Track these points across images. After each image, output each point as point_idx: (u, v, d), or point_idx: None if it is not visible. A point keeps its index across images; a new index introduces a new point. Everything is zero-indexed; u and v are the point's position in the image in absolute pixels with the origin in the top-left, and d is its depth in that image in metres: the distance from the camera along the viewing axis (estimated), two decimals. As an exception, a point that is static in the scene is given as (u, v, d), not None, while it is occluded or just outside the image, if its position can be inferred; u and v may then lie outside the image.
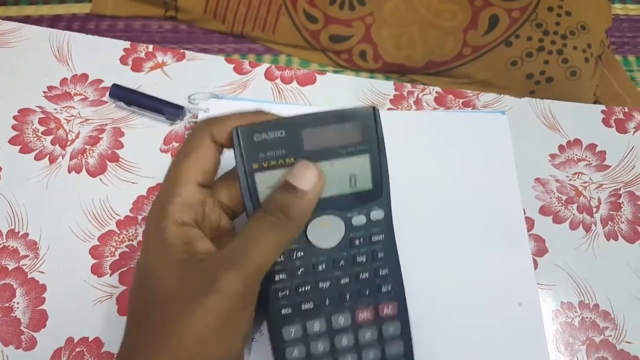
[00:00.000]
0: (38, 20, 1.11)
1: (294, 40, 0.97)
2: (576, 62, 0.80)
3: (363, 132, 0.26)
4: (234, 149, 0.26)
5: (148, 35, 1.06)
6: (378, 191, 0.27)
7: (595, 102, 0.85)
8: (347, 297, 0.28)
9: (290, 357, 0.28)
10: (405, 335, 0.29)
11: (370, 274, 0.28)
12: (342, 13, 0.93)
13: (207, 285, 0.24)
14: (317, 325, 0.27)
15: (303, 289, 0.27)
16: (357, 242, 0.27)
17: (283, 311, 0.27)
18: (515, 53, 0.84)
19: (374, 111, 0.26)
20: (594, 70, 0.80)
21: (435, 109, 0.45)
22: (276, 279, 0.27)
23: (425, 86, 0.46)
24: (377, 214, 0.27)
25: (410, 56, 0.89)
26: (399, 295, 0.29)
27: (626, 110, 0.46)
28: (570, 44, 0.80)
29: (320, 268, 0.27)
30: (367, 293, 0.28)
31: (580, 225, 0.41)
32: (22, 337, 0.36)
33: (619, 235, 0.41)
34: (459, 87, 0.47)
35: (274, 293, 0.27)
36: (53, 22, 1.10)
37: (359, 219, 0.27)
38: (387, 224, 0.28)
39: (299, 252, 0.27)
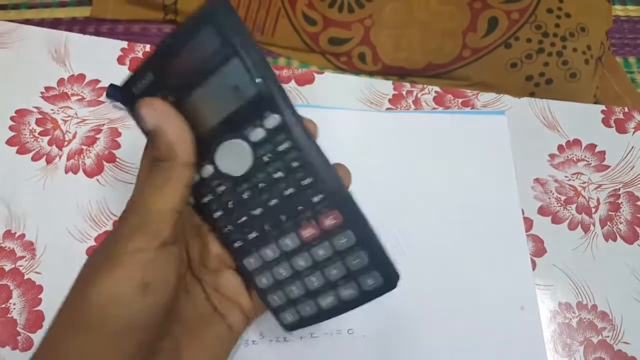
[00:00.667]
0: (38, 24, 1.11)
1: (293, 43, 0.97)
2: (576, 64, 0.79)
3: (218, 33, 0.22)
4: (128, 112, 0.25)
5: (148, 39, 1.05)
6: (265, 94, 0.23)
7: (595, 104, 0.84)
8: (284, 218, 0.25)
9: (261, 285, 0.27)
10: (365, 243, 0.25)
11: (294, 187, 0.24)
12: (341, 15, 0.93)
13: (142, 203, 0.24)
14: (269, 252, 0.26)
15: (240, 220, 0.26)
16: (265, 158, 0.24)
17: (236, 245, 0.27)
18: (515, 55, 0.83)
19: (218, 1, 0.22)
20: (594, 72, 0.80)
21: (434, 108, 0.45)
22: (215, 217, 0.26)
23: (424, 86, 0.46)
24: (272, 121, 0.23)
25: (410, 58, 0.89)
26: (337, 201, 0.25)
27: (626, 110, 0.46)
28: (570, 45, 0.80)
29: (245, 196, 0.25)
30: (300, 209, 0.25)
31: (579, 226, 0.40)
32: (18, 338, 0.36)
33: (618, 236, 0.40)
34: (460, 89, 0.47)
35: (220, 231, 0.27)
36: (53, 25, 1.10)
37: (256, 133, 0.24)
38: (288, 128, 0.23)
39: (221, 186, 0.25)
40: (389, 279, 0.25)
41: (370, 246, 0.25)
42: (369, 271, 0.25)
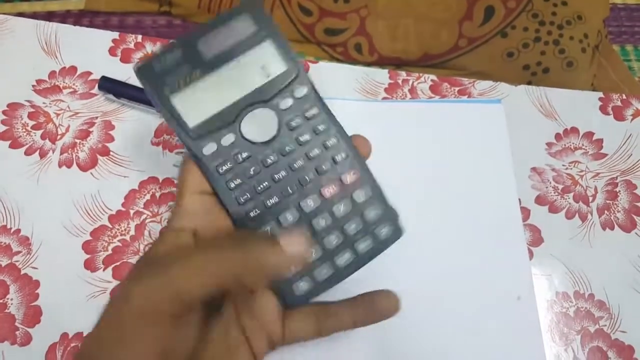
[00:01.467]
0: (31, 17, 1.10)
1: (288, 34, 0.96)
2: (573, 53, 0.79)
3: (254, 21, 0.26)
4: (143, 87, 0.26)
5: (142, 31, 1.05)
6: (293, 70, 0.27)
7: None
8: (307, 179, 0.27)
9: None
10: (378, 196, 0.28)
11: (319, 149, 0.27)
12: (337, 6, 0.92)
13: (124, 290, 0.23)
14: (289, 216, 0.27)
15: (262, 186, 0.27)
16: (293, 123, 0.27)
17: (252, 214, 0.27)
18: (512, 44, 0.83)
19: (251, 2, 0.26)
20: (591, 60, 0.80)
21: (430, 97, 0.44)
22: (232, 186, 0.27)
23: (420, 74, 0.45)
24: (301, 91, 0.27)
25: (406, 49, 0.89)
26: (356, 160, 0.28)
27: (624, 97, 0.45)
28: (567, 34, 0.80)
29: (270, 160, 0.27)
30: (324, 168, 0.27)
31: (576, 215, 0.40)
32: (16, 333, 0.36)
33: (615, 225, 0.40)
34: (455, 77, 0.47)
35: (236, 200, 0.27)
36: (47, 18, 1.09)
37: (285, 102, 0.27)
38: (315, 97, 0.27)
39: (243, 154, 0.27)
40: (398, 228, 0.28)
41: (382, 198, 0.28)
42: (383, 221, 0.28)
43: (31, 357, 0.35)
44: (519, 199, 0.40)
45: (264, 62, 0.26)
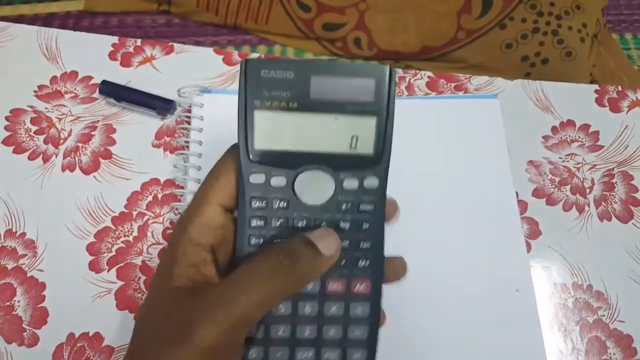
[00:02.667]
0: (32, 19, 1.10)
1: (287, 30, 0.97)
2: (571, 43, 0.79)
3: (375, 91, 0.24)
4: (239, 82, 0.25)
5: (142, 31, 1.05)
6: (377, 159, 0.25)
7: (591, 82, 0.84)
8: None
9: None
10: (372, 320, 0.26)
11: (350, 243, 0.26)
12: (335, 0, 0.92)
13: (182, 332, 0.22)
14: None
15: (276, 240, 0.26)
16: (343, 206, 0.25)
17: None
18: (510, 35, 0.83)
19: (390, 70, 0.24)
20: (590, 50, 0.79)
21: (427, 93, 0.45)
22: (253, 224, 0.26)
23: (417, 71, 0.46)
24: (371, 182, 0.25)
25: (405, 42, 0.89)
26: (376, 274, 0.26)
27: (620, 89, 0.46)
28: (565, 24, 0.80)
29: (299, 224, 0.26)
30: (342, 264, 0.26)
31: (574, 207, 0.41)
32: (24, 334, 0.37)
33: (612, 216, 0.41)
34: (455, 72, 0.47)
35: (248, 239, 0.26)
36: (47, 20, 1.10)
37: (351, 183, 0.25)
38: (379, 195, 0.26)
39: (282, 202, 0.25)
40: None
41: (374, 325, 0.26)
42: (361, 346, 0.26)
43: (39, 357, 0.36)
44: (517, 192, 0.40)
45: (358, 134, 0.25)
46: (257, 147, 0.25)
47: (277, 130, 0.25)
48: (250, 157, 0.25)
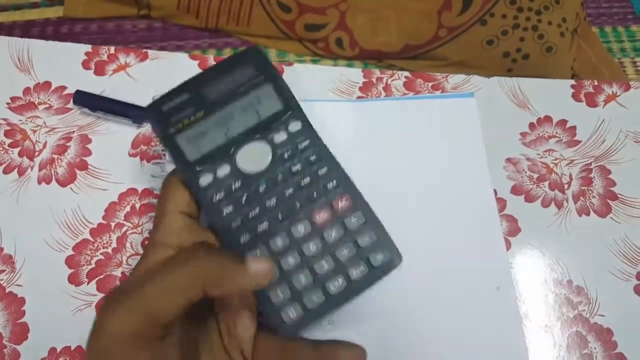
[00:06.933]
0: (10, 27, 1.09)
1: (269, 31, 0.96)
2: (551, 38, 0.79)
3: (256, 67, 0.29)
4: (151, 127, 0.29)
5: (123, 36, 1.04)
6: (287, 107, 0.29)
7: (572, 77, 0.85)
8: (298, 205, 0.28)
9: None
10: (372, 222, 0.29)
11: (310, 177, 0.29)
12: (316, 1, 0.92)
13: (100, 321, 0.23)
14: (279, 241, 0.28)
15: (253, 213, 0.28)
16: (286, 155, 0.29)
17: (242, 239, 0.28)
18: (491, 32, 0.83)
19: (257, 49, 0.29)
20: (570, 44, 0.80)
21: (404, 94, 0.45)
22: (225, 214, 0.28)
23: (394, 71, 0.46)
24: (294, 126, 0.29)
25: (387, 41, 0.89)
26: (348, 187, 0.29)
27: (596, 83, 0.46)
28: (545, 19, 0.80)
29: (261, 189, 0.28)
30: (314, 195, 0.28)
31: (552, 203, 0.41)
32: (4, 350, 0.36)
33: (591, 210, 0.41)
34: (437, 70, 0.47)
35: (227, 228, 0.28)
36: (26, 27, 1.09)
37: (279, 136, 0.29)
38: (308, 130, 0.29)
39: (236, 183, 0.28)
40: (395, 256, 0.29)
41: (377, 225, 0.29)
42: (378, 248, 0.28)
43: (19, 374, 0.35)
44: (495, 190, 0.41)
45: (263, 102, 0.28)
46: (191, 160, 0.28)
47: (199, 138, 0.28)
48: (191, 169, 0.28)
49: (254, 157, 0.28)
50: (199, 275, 0.23)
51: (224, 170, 0.28)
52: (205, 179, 0.28)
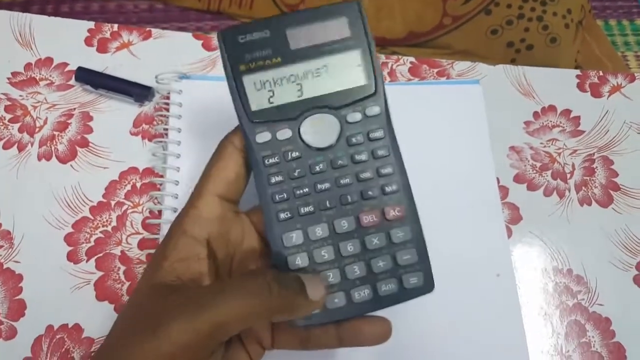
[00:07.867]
0: (9, 5, 1.08)
1: (272, 14, 0.95)
2: (556, 29, 0.79)
3: (350, 27, 0.25)
4: (221, 55, 0.25)
5: (124, 16, 1.03)
6: (371, 86, 0.26)
7: (576, 68, 0.84)
8: (349, 199, 0.26)
9: (293, 265, 0.26)
10: (418, 241, 0.26)
11: (372, 173, 0.26)
12: (320, -14, 0.91)
13: (152, 326, 0.22)
14: (319, 231, 0.26)
15: (301, 191, 0.26)
16: (354, 139, 0.26)
17: (282, 216, 0.26)
18: (496, 21, 0.83)
19: (358, 4, 0.25)
20: (575, 36, 0.79)
21: (409, 79, 0.44)
22: (272, 181, 0.26)
23: (399, 57, 0.45)
24: (373, 110, 0.26)
25: (391, 28, 0.88)
26: (406, 198, 0.27)
27: (601, 74, 0.46)
28: (550, 10, 0.79)
29: (317, 168, 0.26)
30: (370, 194, 0.26)
31: (555, 192, 0.41)
32: (1, 327, 0.36)
33: (593, 200, 0.41)
34: (440, 58, 0.47)
35: (271, 196, 0.26)
36: (25, 5, 1.08)
37: (354, 116, 0.26)
38: (385, 120, 0.26)
39: (294, 152, 0.26)
40: (428, 282, 0.27)
41: (421, 246, 0.27)
42: (415, 270, 0.26)
43: (17, 350, 0.35)
44: (498, 178, 0.40)
45: (347, 70, 0.26)
46: (254, 109, 0.25)
47: (268, 87, 0.25)
48: (251, 119, 0.25)
49: (320, 130, 0.26)
50: (271, 305, 0.23)
51: (284, 134, 0.26)
52: (262, 136, 0.25)
